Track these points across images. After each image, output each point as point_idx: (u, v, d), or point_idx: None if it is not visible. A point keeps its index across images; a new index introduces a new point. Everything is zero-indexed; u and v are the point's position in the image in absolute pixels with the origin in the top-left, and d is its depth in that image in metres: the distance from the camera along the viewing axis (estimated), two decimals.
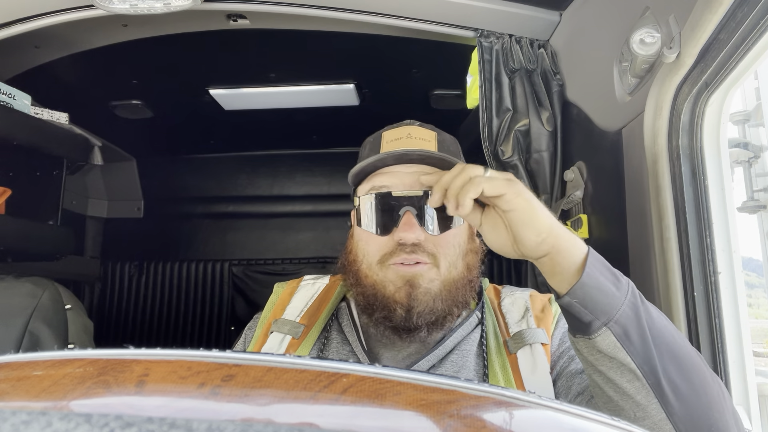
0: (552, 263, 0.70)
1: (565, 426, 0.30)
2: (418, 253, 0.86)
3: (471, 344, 0.93)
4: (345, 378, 0.30)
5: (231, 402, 0.28)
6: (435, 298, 0.86)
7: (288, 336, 0.97)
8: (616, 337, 0.67)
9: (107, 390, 0.29)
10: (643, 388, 0.67)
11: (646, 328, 0.68)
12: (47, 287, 1.41)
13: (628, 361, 0.67)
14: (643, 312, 0.69)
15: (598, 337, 0.68)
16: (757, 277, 1.40)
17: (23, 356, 0.33)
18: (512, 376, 0.87)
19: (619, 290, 0.69)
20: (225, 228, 3.04)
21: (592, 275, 0.68)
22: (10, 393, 0.28)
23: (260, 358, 0.32)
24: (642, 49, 0.95)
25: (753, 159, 1.27)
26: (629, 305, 0.68)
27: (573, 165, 1.37)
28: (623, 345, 0.67)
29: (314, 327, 0.97)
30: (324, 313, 1.00)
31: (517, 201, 0.69)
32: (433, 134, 0.97)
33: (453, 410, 0.29)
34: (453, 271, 0.89)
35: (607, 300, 0.67)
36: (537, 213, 0.69)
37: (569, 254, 0.69)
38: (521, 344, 0.90)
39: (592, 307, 0.68)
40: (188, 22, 1.62)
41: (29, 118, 1.80)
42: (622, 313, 0.67)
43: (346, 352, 0.94)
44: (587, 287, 0.67)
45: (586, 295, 0.67)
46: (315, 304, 1.03)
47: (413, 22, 1.47)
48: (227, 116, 2.41)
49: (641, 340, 0.67)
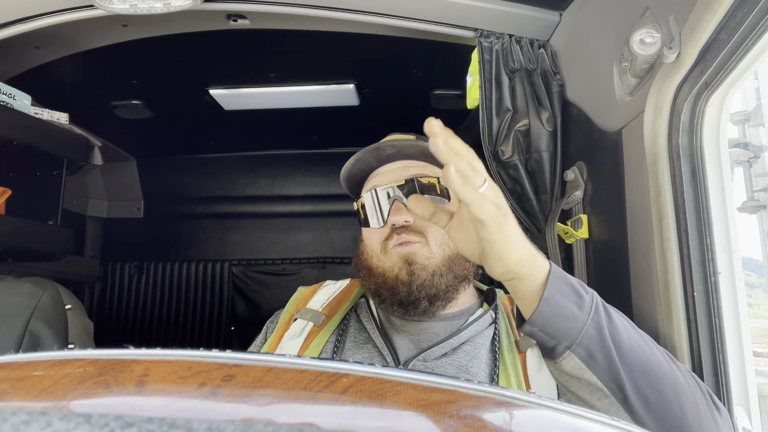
0: (514, 289, 0.71)
1: (565, 426, 0.30)
2: (409, 233, 0.97)
3: (484, 339, 0.99)
4: (345, 378, 0.30)
5: (231, 402, 0.28)
6: (433, 273, 0.95)
7: (310, 323, 1.07)
8: (580, 360, 0.68)
9: (107, 390, 0.29)
10: (612, 404, 0.68)
11: (611, 345, 0.68)
12: (47, 287, 1.41)
13: (595, 380, 0.68)
14: (608, 328, 0.69)
15: (563, 360, 0.68)
16: (757, 277, 1.40)
17: (23, 356, 0.33)
18: (521, 372, 0.92)
19: (581, 310, 0.68)
20: (225, 228, 3.04)
21: (552, 300, 0.67)
22: (10, 393, 0.28)
23: (260, 358, 0.32)
24: (642, 49, 0.95)
25: (753, 159, 1.27)
26: (592, 324, 0.68)
27: (573, 165, 1.37)
28: (588, 366, 0.68)
29: (335, 317, 1.07)
30: (344, 306, 1.10)
31: (495, 236, 0.66)
32: (411, 137, 1.07)
33: (453, 410, 0.29)
34: (446, 248, 0.98)
35: (568, 324, 0.67)
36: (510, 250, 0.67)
37: (531, 280, 0.69)
38: (530, 343, 0.95)
39: (553, 333, 0.68)
40: (188, 22, 1.62)
41: (29, 118, 1.80)
42: (584, 334, 0.67)
43: (363, 338, 1.02)
44: (546, 314, 0.67)
45: (545, 321, 0.68)
46: (336, 299, 1.13)
47: (413, 22, 1.47)
48: (227, 116, 2.41)
49: (606, 359, 0.67)
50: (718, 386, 0.92)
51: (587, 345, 0.67)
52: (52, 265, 2.18)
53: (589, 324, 0.67)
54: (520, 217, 1.51)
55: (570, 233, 1.37)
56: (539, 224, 1.49)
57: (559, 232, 1.41)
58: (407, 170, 1.02)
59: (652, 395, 0.67)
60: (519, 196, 1.49)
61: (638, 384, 0.67)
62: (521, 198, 1.49)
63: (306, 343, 1.04)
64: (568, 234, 1.38)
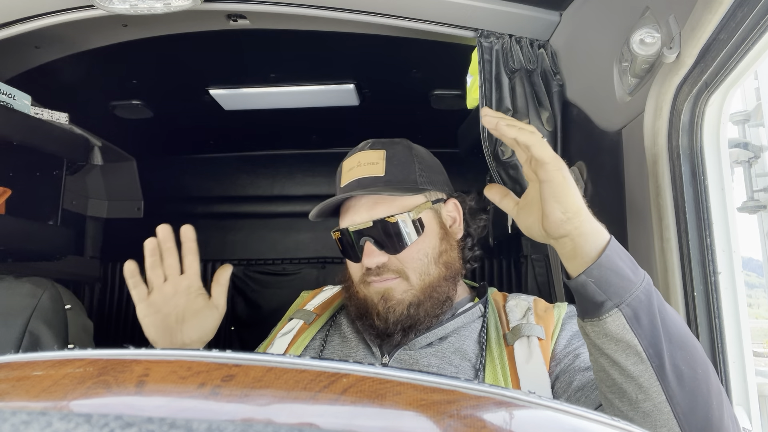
0: (573, 245, 0.71)
1: (565, 426, 0.30)
2: (384, 273, 0.99)
3: (471, 331, 1.01)
4: (345, 378, 0.30)
5: (231, 402, 0.28)
6: (409, 305, 0.97)
7: (301, 321, 1.13)
8: (626, 319, 0.68)
9: (107, 390, 0.29)
10: (647, 370, 0.69)
11: (657, 314, 0.69)
12: (47, 287, 1.41)
13: (635, 343, 0.68)
14: (656, 300, 0.70)
15: (609, 317, 0.69)
16: (757, 277, 1.40)
17: (23, 356, 0.33)
18: (507, 364, 0.93)
19: (635, 276, 0.70)
20: (225, 228, 3.04)
21: (611, 258, 0.69)
22: (10, 393, 0.28)
23: (260, 358, 0.32)
24: (642, 49, 0.95)
25: (753, 159, 1.26)
26: (643, 291, 0.69)
27: (573, 165, 1.37)
28: (632, 327, 0.68)
29: (324, 314, 1.13)
30: (335, 304, 1.16)
31: (555, 174, 0.70)
32: (381, 153, 1.05)
33: (453, 410, 0.29)
34: (426, 278, 1.00)
35: (622, 283, 0.69)
36: (569, 191, 0.71)
37: (592, 238, 0.71)
38: (518, 336, 0.97)
39: (606, 288, 0.69)
40: (188, 22, 1.62)
41: (29, 118, 1.80)
42: (635, 297, 0.69)
43: (350, 331, 1.07)
44: (604, 268, 0.69)
45: (602, 275, 0.69)
46: (329, 299, 1.19)
47: (413, 22, 1.47)
48: (227, 116, 2.41)
49: (650, 325, 0.68)
50: None
51: (635, 307, 0.68)
52: (52, 265, 2.18)
53: (641, 289, 0.69)
54: None
55: None
56: None
57: None
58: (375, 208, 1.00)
59: (686, 370, 0.69)
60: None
61: (675, 356, 0.69)
62: None
63: (295, 339, 1.09)
64: None
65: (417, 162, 1.05)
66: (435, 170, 1.09)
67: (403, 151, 1.06)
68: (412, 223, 0.99)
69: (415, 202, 1.01)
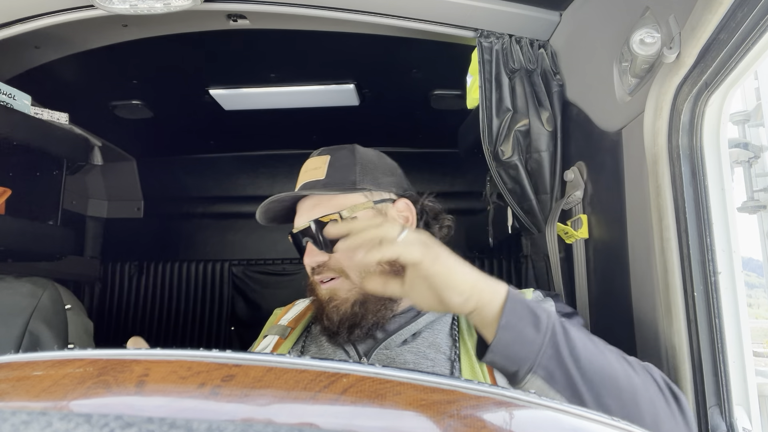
0: (480, 317, 0.72)
1: (565, 426, 0.30)
2: (325, 272, 1.01)
3: (443, 326, 1.02)
4: (345, 378, 0.30)
5: (231, 402, 0.28)
6: (354, 303, 0.99)
7: (276, 336, 1.14)
8: (543, 380, 0.70)
9: (107, 390, 0.29)
10: None
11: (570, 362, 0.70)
12: (47, 287, 1.41)
13: (559, 397, 0.69)
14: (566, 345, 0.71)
15: (527, 384, 0.70)
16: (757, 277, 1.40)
17: (23, 356, 0.33)
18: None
19: (539, 331, 0.70)
20: (225, 228, 3.04)
21: (510, 325, 0.70)
22: (10, 393, 0.28)
23: (260, 359, 0.32)
24: (642, 49, 0.95)
25: (753, 159, 1.27)
26: (550, 344, 0.70)
27: (573, 165, 1.37)
28: (551, 385, 0.69)
29: (299, 326, 1.14)
30: (309, 315, 1.16)
31: (434, 268, 0.70)
32: (325, 158, 1.09)
33: (453, 410, 0.29)
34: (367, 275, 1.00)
35: (527, 348, 0.70)
36: (456, 276, 0.70)
37: (490, 306, 0.71)
38: None
39: (514, 358, 0.70)
40: (188, 22, 1.62)
41: (29, 118, 1.80)
42: (543, 355, 0.69)
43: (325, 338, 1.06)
44: (505, 341, 0.70)
45: (506, 348, 0.70)
46: (302, 312, 1.20)
47: (413, 22, 1.47)
48: (227, 116, 2.41)
49: (565, 376, 0.70)
50: (718, 386, 0.92)
51: (546, 365, 0.69)
52: (52, 265, 2.18)
53: (547, 344, 0.70)
54: (520, 217, 1.51)
55: (570, 233, 1.37)
56: (539, 224, 1.49)
57: (559, 232, 1.41)
58: (314, 209, 1.03)
59: (612, 403, 0.70)
60: (519, 196, 1.49)
61: (598, 394, 0.70)
62: (521, 198, 1.49)
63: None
64: (568, 234, 1.38)
65: (359, 164, 1.07)
66: (382, 171, 1.10)
67: (346, 155, 1.09)
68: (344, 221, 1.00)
69: (352, 201, 1.03)
